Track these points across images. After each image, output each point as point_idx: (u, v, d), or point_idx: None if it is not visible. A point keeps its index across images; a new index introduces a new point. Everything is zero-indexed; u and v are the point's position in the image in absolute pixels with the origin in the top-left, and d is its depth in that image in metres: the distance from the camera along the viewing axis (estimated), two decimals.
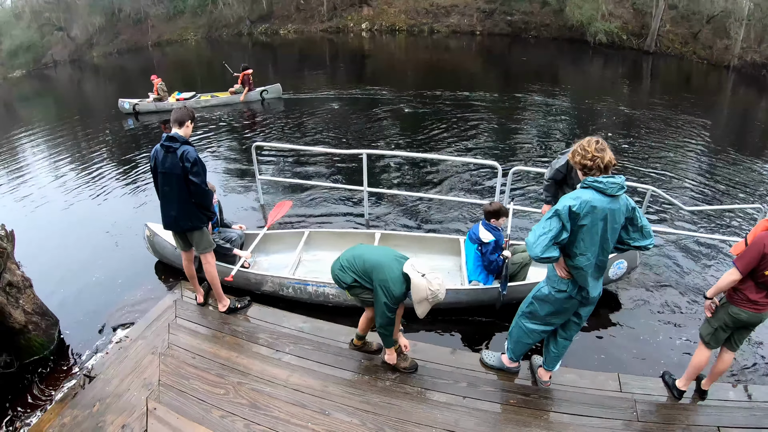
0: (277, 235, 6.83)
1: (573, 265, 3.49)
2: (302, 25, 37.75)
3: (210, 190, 4.82)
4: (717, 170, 10.55)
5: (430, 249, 6.46)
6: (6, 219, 7.20)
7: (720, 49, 24.45)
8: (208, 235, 5.03)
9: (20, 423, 4.49)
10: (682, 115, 14.81)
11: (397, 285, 3.77)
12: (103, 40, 39.01)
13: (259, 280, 5.84)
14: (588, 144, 3.35)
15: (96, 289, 6.58)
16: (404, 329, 4.96)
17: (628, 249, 3.64)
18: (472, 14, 33.27)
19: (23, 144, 15.22)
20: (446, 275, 6.01)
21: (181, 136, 4.57)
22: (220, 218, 6.12)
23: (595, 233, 3.34)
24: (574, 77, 22.36)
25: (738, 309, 3.66)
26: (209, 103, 16.41)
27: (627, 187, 3.35)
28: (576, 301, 3.66)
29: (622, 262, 5.59)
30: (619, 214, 3.37)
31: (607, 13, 28.10)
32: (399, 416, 3.84)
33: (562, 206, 3.30)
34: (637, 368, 4.87)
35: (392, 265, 3.86)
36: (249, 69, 16.78)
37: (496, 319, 5.45)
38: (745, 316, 3.66)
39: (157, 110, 16.27)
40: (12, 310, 5.08)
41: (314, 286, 5.62)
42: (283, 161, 11.28)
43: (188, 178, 4.53)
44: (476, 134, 12.91)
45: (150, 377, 4.31)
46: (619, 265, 5.60)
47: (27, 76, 34.59)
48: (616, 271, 5.61)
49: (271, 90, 17.08)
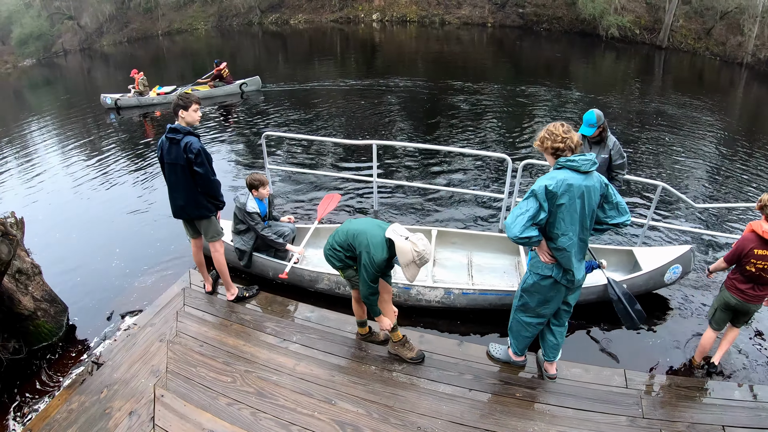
0: (328, 230, 6.63)
1: (556, 247, 3.51)
2: (312, 14, 37.70)
3: (216, 179, 4.79)
4: (728, 168, 10.46)
5: (486, 247, 6.32)
6: (16, 206, 7.28)
7: (733, 45, 24.22)
8: (215, 224, 5.03)
9: (28, 408, 4.53)
10: (693, 112, 14.69)
11: (378, 250, 3.75)
12: (113, 28, 39.11)
13: (314, 277, 5.68)
14: (554, 128, 3.43)
15: (105, 277, 6.62)
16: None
17: (607, 229, 3.69)
18: (483, 6, 33.10)
19: (33, 132, 15.30)
20: (502, 275, 5.94)
21: (183, 126, 4.56)
22: (269, 212, 6.01)
23: (574, 211, 3.38)
24: (585, 71, 22.21)
25: (729, 294, 4.32)
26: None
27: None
28: (562, 287, 3.68)
29: (677, 266, 5.43)
30: (594, 190, 3.43)
31: (619, 6, 27.88)
32: (404, 407, 3.85)
33: (539, 186, 3.34)
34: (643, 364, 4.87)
35: (374, 231, 3.86)
36: (223, 63, 16.84)
37: None
38: (734, 301, 4.30)
39: (138, 104, 16.29)
40: (21, 297, 5.12)
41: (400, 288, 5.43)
42: (288, 151, 11.28)
43: (193, 168, 4.55)
44: (486, 126, 12.86)
45: (158, 364, 4.33)
46: (675, 270, 5.44)
47: (37, 65, 34.75)
48: (671, 275, 5.46)
49: (250, 83, 17.14)
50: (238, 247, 5.83)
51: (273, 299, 5.43)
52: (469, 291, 5.26)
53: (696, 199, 8.65)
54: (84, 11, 38.76)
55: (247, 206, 5.63)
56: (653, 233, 7.41)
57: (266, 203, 5.94)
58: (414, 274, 3.75)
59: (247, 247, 5.80)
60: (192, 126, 4.62)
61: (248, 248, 5.81)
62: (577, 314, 5.18)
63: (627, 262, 5.88)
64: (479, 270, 6.01)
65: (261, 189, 5.72)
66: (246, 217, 5.66)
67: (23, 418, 4.43)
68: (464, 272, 5.97)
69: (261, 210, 5.79)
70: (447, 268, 6.05)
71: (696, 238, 7.36)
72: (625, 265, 5.88)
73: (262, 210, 5.81)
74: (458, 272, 5.98)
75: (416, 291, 5.31)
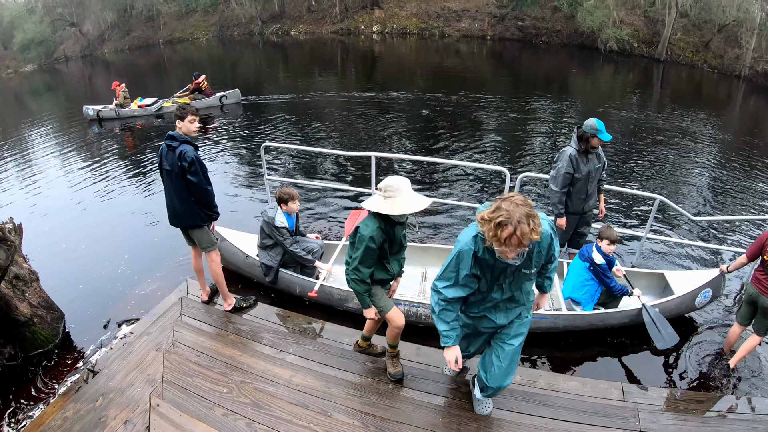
0: None
1: None
2: (313, 26, 37.91)
3: (211, 189, 4.77)
4: (726, 180, 10.49)
5: None
6: (15, 213, 7.28)
7: (731, 58, 24.38)
8: (209, 234, 5.01)
9: (23, 415, 4.52)
10: (691, 125, 14.75)
11: (365, 227, 3.69)
12: (115, 36, 39.31)
13: (344, 296, 5.55)
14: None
15: (102, 285, 6.61)
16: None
17: None
18: (483, 19, 33.28)
19: (32, 138, 15.35)
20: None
21: (180, 134, 4.58)
22: (296, 227, 5.92)
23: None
24: (584, 83, 22.32)
25: (751, 286, 4.66)
26: (170, 109, 16.32)
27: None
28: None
29: (708, 291, 5.40)
30: None
31: (618, 20, 28.05)
32: (400, 419, 3.84)
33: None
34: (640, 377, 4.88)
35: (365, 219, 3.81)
36: (201, 76, 16.84)
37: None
38: (752, 290, 4.63)
39: (118, 117, 16.22)
40: (18, 303, 5.11)
41: (406, 305, 5.33)
42: (286, 162, 11.31)
43: (186, 177, 4.56)
44: (485, 139, 12.90)
45: (154, 373, 4.32)
46: (705, 294, 5.42)
47: (38, 70, 34.90)
48: (701, 299, 5.44)
49: (230, 95, 17.13)
50: (264, 263, 5.73)
51: (270, 310, 5.42)
52: None
53: (693, 212, 8.66)
54: (86, 18, 38.98)
55: (276, 221, 5.54)
56: (652, 245, 7.42)
57: (294, 218, 5.85)
58: (396, 207, 3.58)
59: (274, 262, 5.71)
60: (190, 136, 4.64)
61: (275, 264, 5.71)
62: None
63: (657, 285, 5.88)
64: None
65: (291, 203, 5.61)
66: (274, 231, 5.57)
67: (18, 424, 4.41)
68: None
69: (289, 225, 5.70)
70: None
71: (693, 250, 7.37)
72: (655, 287, 5.87)
73: (290, 225, 5.72)
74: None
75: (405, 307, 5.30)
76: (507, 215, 2.67)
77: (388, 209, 3.57)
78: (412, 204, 3.58)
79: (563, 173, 5.65)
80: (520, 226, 2.65)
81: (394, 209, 3.56)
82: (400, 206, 3.57)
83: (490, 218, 2.75)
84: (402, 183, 3.59)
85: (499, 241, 2.73)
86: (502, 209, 2.71)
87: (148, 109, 16.27)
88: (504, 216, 2.68)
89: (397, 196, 3.58)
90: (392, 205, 3.57)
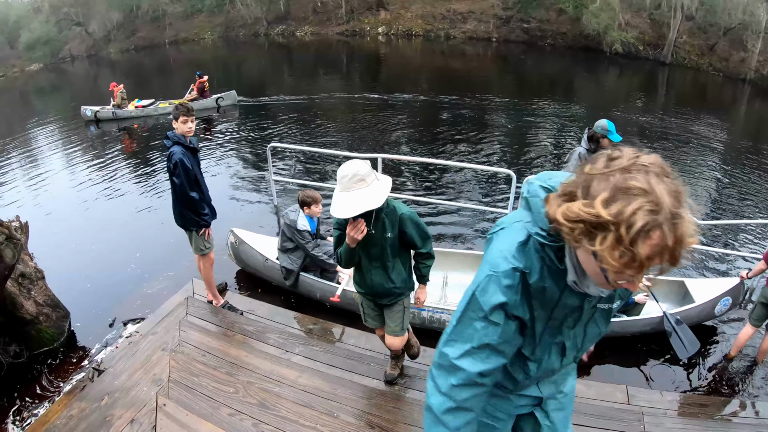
0: None
1: None
2: (319, 27, 37.95)
3: (194, 196, 4.67)
4: (731, 184, 10.47)
5: None
6: (21, 211, 7.30)
7: (736, 61, 24.33)
8: (197, 240, 4.97)
9: (28, 413, 4.53)
10: (697, 128, 14.72)
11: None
12: (121, 36, 39.43)
13: None
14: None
15: (108, 284, 6.63)
16: None
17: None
18: (488, 21, 33.26)
19: (38, 137, 15.41)
20: None
21: (174, 134, 4.57)
22: (317, 230, 5.84)
23: None
24: (589, 86, 22.30)
25: (766, 288, 4.71)
26: (167, 110, 16.26)
27: None
28: None
29: (728, 299, 5.40)
30: None
31: (623, 22, 28.02)
32: (407, 422, 3.83)
33: None
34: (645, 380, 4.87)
35: None
36: (204, 76, 16.82)
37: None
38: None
39: (115, 117, 16.20)
40: (23, 301, 5.13)
41: (430, 311, 5.33)
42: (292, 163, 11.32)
43: (172, 178, 4.57)
44: (490, 141, 12.90)
45: (160, 373, 4.32)
46: (725, 302, 5.41)
47: (44, 70, 35.01)
48: (721, 307, 5.43)
49: (226, 97, 17.10)
50: (284, 266, 5.69)
51: (275, 310, 5.42)
52: None
53: (699, 215, 8.63)
54: (92, 18, 39.09)
55: (298, 224, 5.49)
56: None
57: (316, 221, 5.78)
58: (340, 203, 3.02)
59: (295, 266, 5.67)
60: (185, 136, 4.61)
61: (296, 268, 5.67)
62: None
63: (677, 292, 5.85)
64: None
65: (314, 207, 5.54)
66: (295, 234, 5.52)
67: (23, 422, 4.43)
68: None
69: (311, 228, 5.64)
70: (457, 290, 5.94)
71: (699, 254, 7.35)
72: (675, 295, 5.85)
73: (311, 228, 5.66)
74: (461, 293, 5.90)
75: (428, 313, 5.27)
76: (653, 206, 1.18)
77: (332, 206, 3.09)
78: (345, 206, 3.00)
79: (571, 171, 5.66)
80: (676, 227, 1.20)
81: (332, 207, 3.08)
82: (335, 204, 3.07)
83: (606, 216, 1.19)
84: (347, 171, 3.03)
85: (629, 260, 1.20)
86: (636, 190, 1.20)
87: (145, 110, 16.30)
88: (649, 208, 1.17)
89: (347, 190, 3.03)
90: (334, 201, 3.08)
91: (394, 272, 3.59)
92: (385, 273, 3.57)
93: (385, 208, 3.34)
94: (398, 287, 3.65)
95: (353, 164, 3.04)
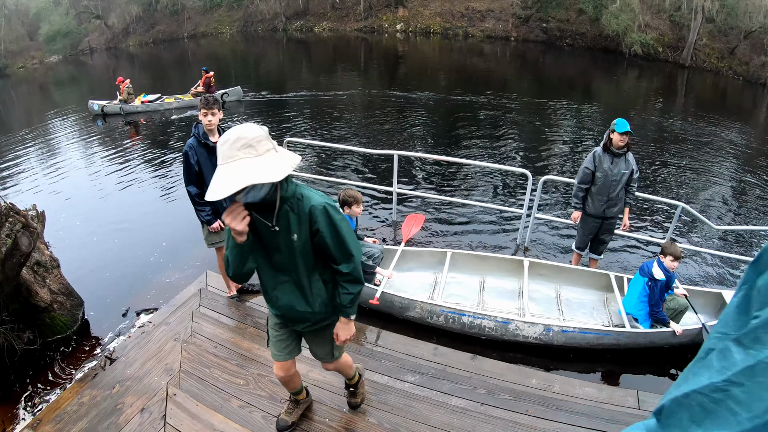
0: (414, 253, 6.33)
1: None
2: (337, 23, 37.96)
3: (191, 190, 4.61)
4: (749, 190, 10.32)
5: (576, 282, 6.09)
6: (39, 200, 7.37)
7: (757, 65, 23.97)
8: (206, 234, 4.97)
9: (39, 399, 4.58)
10: (715, 132, 14.54)
11: None
12: (140, 29, 39.72)
13: (405, 304, 5.42)
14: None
15: (122, 274, 6.68)
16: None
17: None
18: (507, 20, 33.07)
19: (57, 127, 15.56)
20: (590, 311, 5.76)
21: (196, 127, 4.57)
22: (355, 230, 5.54)
23: None
24: (608, 87, 22.11)
25: None
26: (172, 105, 16.41)
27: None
28: None
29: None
30: None
31: (643, 24, 27.71)
32: (416, 419, 3.80)
33: None
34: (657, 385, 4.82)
35: None
36: (210, 72, 16.79)
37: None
38: None
39: (122, 112, 16.27)
40: (38, 289, 5.17)
41: (470, 316, 5.24)
42: (307, 158, 11.33)
43: None
44: (507, 140, 12.84)
45: (171, 363, 4.33)
46: None
47: (63, 62, 35.36)
48: None
49: (231, 93, 17.11)
50: None
51: None
52: (569, 329, 5.09)
53: (716, 220, 8.53)
54: (111, 11, 39.45)
55: None
56: None
57: (355, 221, 5.57)
58: (216, 179, 2.16)
59: None
60: (205, 129, 4.55)
61: None
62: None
63: (714, 303, 5.77)
64: (568, 305, 5.86)
65: (355, 207, 5.33)
66: None
67: (34, 408, 4.47)
68: (554, 307, 5.82)
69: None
70: (537, 302, 5.87)
71: (714, 259, 7.26)
72: (712, 307, 5.77)
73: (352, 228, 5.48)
74: (548, 306, 5.83)
75: (515, 326, 5.16)
76: None
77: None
78: (220, 182, 2.15)
79: (583, 167, 5.71)
80: None
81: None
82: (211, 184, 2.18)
83: None
84: (229, 136, 2.20)
85: None
86: None
87: (151, 105, 16.38)
88: None
89: (220, 164, 2.21)
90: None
91: (312, 292, 2.71)
92: (297, 291, 2.70)
93: (289, 195, 2.45)
94: (318, 313, 2.79)
95: (240, 127, 2.22)
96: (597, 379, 4.92)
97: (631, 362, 5.15)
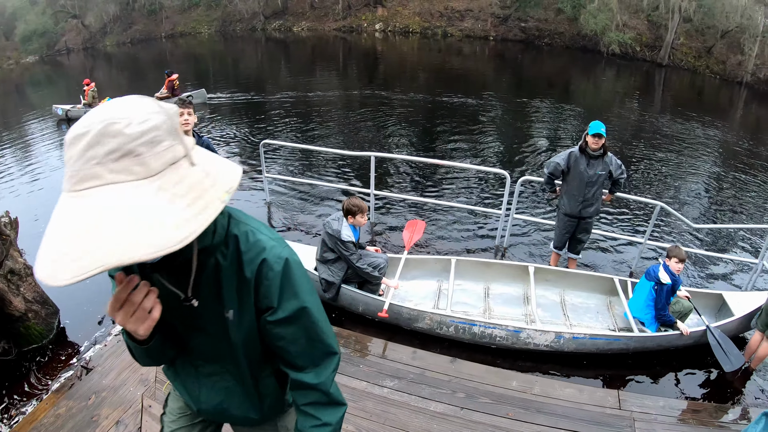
0: (418, 261, 6.20)
1: None
2: (316, 22, 37.83)
3: None
4: (727, 188, 10.48)
5: (579, 286, 6.06)
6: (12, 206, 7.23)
7: (733, 64, 24.38)
8: None
9: (15, 411, 4.49)
10: (693, 131, 14.74)
11: None
12: (117, 29, 39.24)
13: (414, 316, 5.28)
14: None
15: (98, 280, 6.52)
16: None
17: None
18: (486, 19, 33.20)
19: (31, 131, 15.31)
20: (595, 315, 5.76)
21: None
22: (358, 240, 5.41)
23: None
24: (585, 87, 22.30)
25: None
26: None
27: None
28: None
29: None
30: None
31: (621, 23, 28.01)
32: (395, 425, 3.81)
33: None
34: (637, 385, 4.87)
35: None
36: (174, 74, 16.48)
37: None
38: None
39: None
40: (12, 298, 5.07)
41: (481, 326, 5.15)
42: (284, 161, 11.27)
43: None
44: (487, 140, 12.89)
45: (146, 373, 4.28)
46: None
47: (40, 62, 34.82)
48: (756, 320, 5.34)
49: (196, 95, 16.87)
50: (324, 278, 5.33)
51: None
52: (579, 335, 5.07)
53: (694, 219, 8.64)
54: (89, 11, 38.90)
55: (342, 234, 5.08)
56: (651, 253, 7.41)
57: (359, 231, 5.40)
58: (47, 242, 1.06)
59: (336, 278, 5.31)
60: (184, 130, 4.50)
61: (337, 280, 5.32)
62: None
63: (714, 305, 5.83)
64: (574, 310, 5.86)
65: (359, 216, 5.15)
66: (339, 245, 5.14)
67: (10, 420, 4.39)
68: (560, 312, 5.82)
69: (354, 238, 5.25)
70: (543, 307, 5.84)
71: (692, 258, 7.36)
72: (711, 308, 5.82)
73: (355, 238, 5.26)
74: (554, 312, 5.81)
75: (526, 335, 5.11)
76: None
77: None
78: (57, 252, 1.03)
79: (555, 162, 5.80)
80: None
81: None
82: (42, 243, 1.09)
83: None
84: (78, 130, 1.06)
85: None
86: None
87: None
88: None
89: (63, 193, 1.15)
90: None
91: (259, 392, 1.64)
92: (236, 390, 1.62)
93: (217, 242, 1.39)
94: (266, 416, 1.73)
95: (114, 105, 1.10)
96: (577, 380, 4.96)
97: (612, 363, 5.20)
